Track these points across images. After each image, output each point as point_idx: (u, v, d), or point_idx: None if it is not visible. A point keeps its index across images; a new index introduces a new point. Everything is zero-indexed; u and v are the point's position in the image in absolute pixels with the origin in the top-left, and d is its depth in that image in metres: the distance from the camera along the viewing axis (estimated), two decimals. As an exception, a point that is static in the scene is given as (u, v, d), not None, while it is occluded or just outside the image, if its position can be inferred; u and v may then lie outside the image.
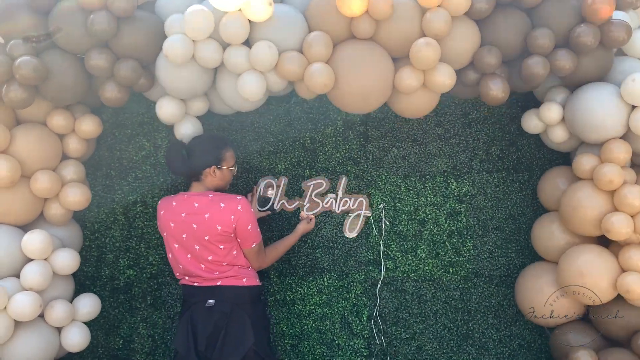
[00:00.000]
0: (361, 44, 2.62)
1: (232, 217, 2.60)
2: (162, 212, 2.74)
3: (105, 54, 2.57)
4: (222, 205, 2.62)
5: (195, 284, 2.70)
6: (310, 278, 3.13)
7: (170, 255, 2.77)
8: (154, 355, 3.10)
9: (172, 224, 2.67)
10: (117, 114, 3.09)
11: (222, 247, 2.64)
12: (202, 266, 2.67)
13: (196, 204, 2.65)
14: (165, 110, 2.77)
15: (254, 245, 2.70)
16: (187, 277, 2.75)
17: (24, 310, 2.48)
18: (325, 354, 3.11)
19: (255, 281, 2.75)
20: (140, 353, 3.10)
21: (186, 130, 2.86)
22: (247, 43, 2.61)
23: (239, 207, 2.61)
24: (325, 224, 3.13)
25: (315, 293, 3.13)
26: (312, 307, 3.13)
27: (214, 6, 2.47)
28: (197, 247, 2.65)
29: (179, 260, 2.71)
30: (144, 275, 3.12)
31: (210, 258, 2.65)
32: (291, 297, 3.13)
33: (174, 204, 2.70)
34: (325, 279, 3.13)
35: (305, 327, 3.12)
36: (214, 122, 3.10)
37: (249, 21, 2.53)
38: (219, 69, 2.70)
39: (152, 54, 2.65)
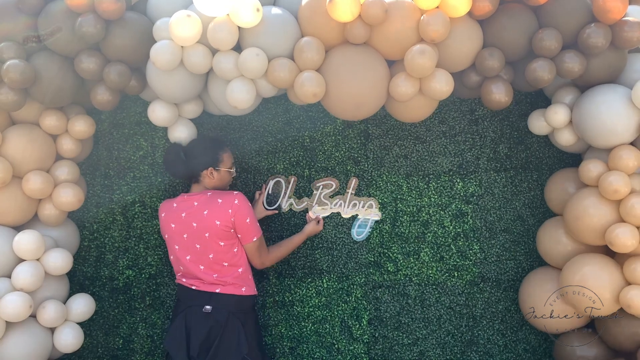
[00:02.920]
0: (355, 49, 2.50)
1: (230, 210, 2.60)
2: (163, 215, 2.76)
3: (95, 57, 2.53)
4: (220, 200, 2.64)
5: (193, 287, 2.69)
6: (309, 279, 3.07)
7: (172, 257, 2.79)
8: (153, 356, 3.10)
9: (172, 225, 2.70)
10: (115, 113, 3.05)
11: (222, 243, 2.63)
12: (202, 267, 2.66)
13: (196, 203, 2.67)
14: (158, 114, 2.73)
15: (254, 239, 2.68)
16: (184, 280, 2.75)
17: (14, 311, 2.49)
18: (324, 357, 3.06)
19: (254, 290, 2.74)
20: (140, 353, 3.10)
21: (180, 132, 2.82)
22: (239, 47, 2.52)
23: (236, 201, 2.63)
24: (326, 224, 3.05)
25: (314, 295, 3.07)
26: (311, 310, 3.07)
27: (200, 11, 2.38)
28: (197, 246, 2.65)
29: (180, 262, 2.73)
30: (143, 275, 3.11)
31: (211, 257, 2.64)
32: (290, 298, 3.08)
33: (175, 205, 2.73)
34: (324, 281, 3.07)
35: (304, 329, 3.07)
36: (211, 122, 3.04)
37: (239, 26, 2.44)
38: (210, 72, 2.62)
39: (143, 57, 2.59)
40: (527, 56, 2.54)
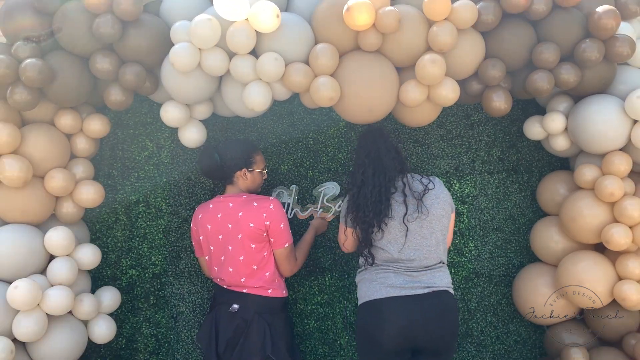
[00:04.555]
0: (367, 56, 2.61)
1: (264, 214, 2.66)
2: (199, 216, 2.80)
3: (110, 58, 2.55)
4: (255, 204, 2.69)
5: (224, 286, 2.77)
6: (312, 278, 3.16)
7: (207, 258, 2.84)
8: (157, 355, 3.12)
9: (209, 226, 2.75)
10: (120, 113, 3.06)
11: (253, 246, 2.68)
12: (230, 269, 2.71)
13: (231, 204, 2.72)
14: (171, 114, 2.76)
15: (286, 245, 2.72)
16: (218, 279, 2.81)
17: (58, 304, 2.52)
18: (327, 353, 3.16)
19: (281, 292, 2.79)
20: (144, 352, 3.12)
21: (190, 133, 2.85)
22: (254, 51, 2.59)
23: (271, 206, 2.68)
24: (329, 223, 3.15)
25: (317, 293, 3.17)
26: (313, 307, 3.17)
27: (220, 15, 2.43)
28: (230, 248, 2.70)
29: (213, 263, 2.78)
30: (147, 275, 3.12)
31: (241, 258, 2.68)
32: (293, 296, 3.16)
33: (211, 206, 2.78)
34: (327, 279, 3.17)
35: (307, 326, 3.17)
36: (217, 123, 3.08)
37: (256, 31, 2.50)
38: (224, 75, 2.67)
39: (157, 58, 2.63)
40: (525, 66, 2.71)
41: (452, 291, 2.57)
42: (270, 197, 2.74)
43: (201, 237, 2.80)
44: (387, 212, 2.49)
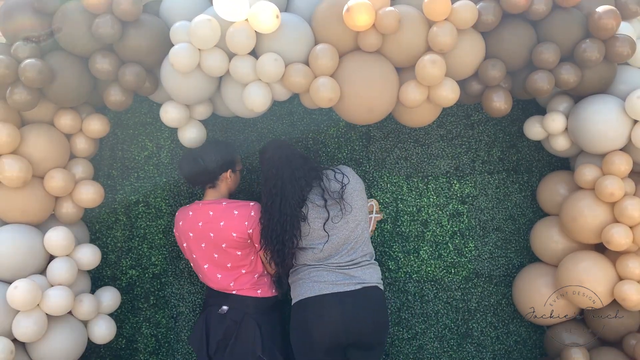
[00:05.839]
0: (367, 57, 2.61)
1: (246, 223, 2.64)
2: (180, 223, 2.78)
3: (110, 58, 2.54)
4: (236, 212, 2.67)
5: (214, 288, 2.77)
6: (313, 278, 3.17)
7: (192, 264, 2.84)
8: (157, 355, 3.13)
9: (191, 234, 2.73)
10: (120, 113, 3.06)
11: (239, 253, 2.68)
12: (219, 275, 2.71)
13: (211, 213, 2.69)
14: (171, 115, 2.76)
15: None
16: (207, 282, 2.81)
17: (58, 305, 2.52)
18: (327, 353, 3.17)
19: (270, 292, 2.78)
20: (144, 353, 3.12)
21: (190, 134, 2.85)
22: (254, 51, 2.59)
23: (252, 213, 2.67)
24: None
25: (318, 292, 3.17)
26: (314, 307, 3.17)
27: (220, 15, 2.43)
28: (215, 255, 2.69)
29: (200, 269, 2.77)
30: (147, 275, 3.12)
31: (229, 265, 2.69)
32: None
33: (191, 213, 2.75)
34: (327, 279, 3.17)
35: (308, 326, 3.17)
36: (217, 123, 3.08)
37: (256, 32, 2.50)
38: (224, 76, 2.67)
39: (157, 59, 2.63)
40: (525, 67, 2.71)
41: (382, 287, 2.68)
42: (251, 203, 2.71)
43: (185, 244, 2.78)
44: (293, 242, 2.56)
